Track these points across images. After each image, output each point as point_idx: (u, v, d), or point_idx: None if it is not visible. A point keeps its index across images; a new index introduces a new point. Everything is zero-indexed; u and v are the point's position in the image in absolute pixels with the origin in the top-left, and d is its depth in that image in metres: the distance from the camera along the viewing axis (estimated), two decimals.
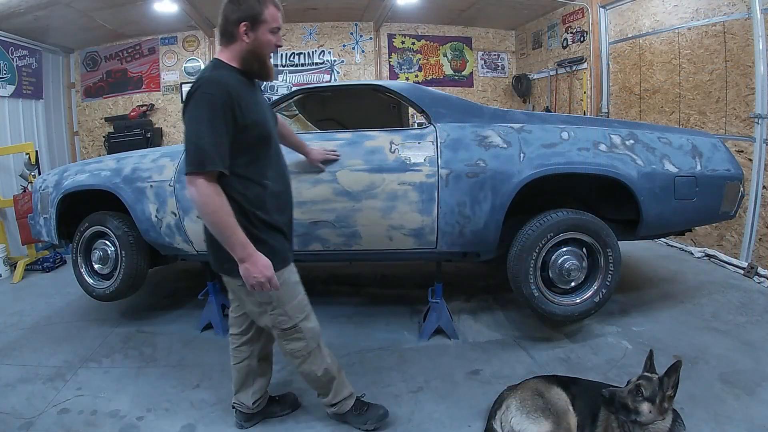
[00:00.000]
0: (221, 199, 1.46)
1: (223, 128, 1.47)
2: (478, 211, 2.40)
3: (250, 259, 1.51)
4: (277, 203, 1.65)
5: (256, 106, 1.60)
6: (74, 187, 2.88)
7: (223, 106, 1.46)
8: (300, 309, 1.72)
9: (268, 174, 1.61)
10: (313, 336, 1.77)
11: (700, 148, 2.55)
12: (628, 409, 1.53)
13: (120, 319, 3.11)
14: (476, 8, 5.92)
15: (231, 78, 1.55)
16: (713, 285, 3.23)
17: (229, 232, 1.47)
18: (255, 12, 1.54)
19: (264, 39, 1.59)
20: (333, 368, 1.87)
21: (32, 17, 4.81)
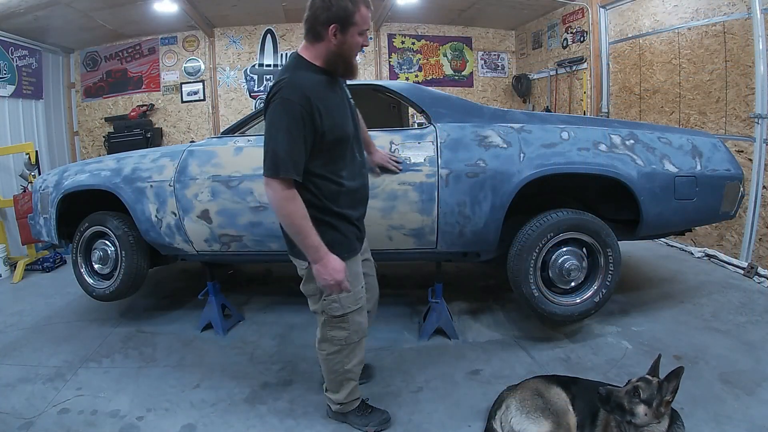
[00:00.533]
0: (295, 203, 1.51)
1: (301, 136, 1.48)
2: (478, 211, 2.40)
3: (321, 261, 1.56)
4: (350, 199, 1.68)
5: (336, 108, 1.60)
6: (74, 187, 2.88)
7: (302, 114, 1.47)
8: (354, 300, 1.73)
9: (343, 173, 1.63)
10: (357, 330, 1.78)
11: (700, 148, 2.55)
12: (624, 410, 1.52)
13: (120, 319, 3.11)
14: (476, 8, 5.92)
15: (312, 80, 1.54)
16: (713, 285, 3.23)
17: (302, 236, 1.53)
18: (347, 14, 1.51)
19: (352, 41, 1.56)
20: (356, 373, 1.88)
21: (32, 17, 4.81)
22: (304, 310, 3.09)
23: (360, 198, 1.74)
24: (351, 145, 1.67)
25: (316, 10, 1.52)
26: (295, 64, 1.59)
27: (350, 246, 1.70)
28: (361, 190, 1.73)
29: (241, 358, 2.55)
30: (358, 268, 1.76)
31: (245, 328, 2.91)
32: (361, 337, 1.82)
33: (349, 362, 1.82)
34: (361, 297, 1.76)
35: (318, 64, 1.58)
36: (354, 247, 1.72)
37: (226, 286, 3.11)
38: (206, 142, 2.74)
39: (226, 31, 6.39)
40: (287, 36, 6.48)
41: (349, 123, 1.67)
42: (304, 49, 1.60)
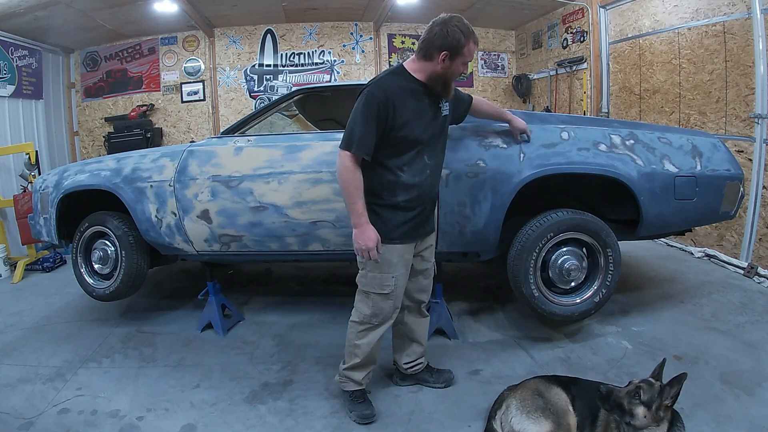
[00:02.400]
0: (355, 174, 1.75)
1: (374, 124, 1.73)
2: (478, 212, 2.40)
3: (360, 227, 1.78)
4: (407, 193, 1.84)
5: (414, 113, 1.80)
6: (74, 187, 2.88)
7: (378, 106, 1.72)
8: (379, 284, 1.88)
9: (404, 168, 1.83)
10: (378, 314, 1.93)
11: (700, 148, 2.55)
12: (623, 410, 1.52)
13: (120, 319, 3.11)
14: (476, 8, 5.92)
15: (400, 85, 1.79)
16: (713, 285, 3.23)
17: (351, 201, 1.77)
18: (459, 45, 1.73)
19: (456, 69, 1.79)
20: (364, 354, 1.98)
21: (32, 17, 4.81)
22: (304, 310, 3.12)
23: (418, 195, 1.88)
24: (420, 149, 1.85)
25: (433, 36, 1.75)
26: (393, 70, 1.86)
27: (388, 233, 1.84)
28: (421, 187, 1.88)
29: (241, 358, 2.55)
30: (394, 258, 1.87)
31: (245, 328, 2.91)
32: (381, 322, 1.95)
33: (361, 339, 1.96)
34: (387, 284, 1.88)
35: (418, 77, 1.82)
36: (393, 235, 1.85)
37: (226, 286, 3.11)
38: (206, 142, 2.74)
39: (226, 31, 6.39)
40: (287, 36, 6.47)
41: (425, 130, 1.84)
42: (411, 62, 1.84)
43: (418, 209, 1.90)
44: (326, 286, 3.60)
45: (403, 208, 1.85)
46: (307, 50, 6.52)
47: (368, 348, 1.97)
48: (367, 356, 1.99)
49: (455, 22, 1.75)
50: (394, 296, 1.92)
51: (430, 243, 2.06)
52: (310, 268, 3.88)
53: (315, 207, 2.45)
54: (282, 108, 3.00)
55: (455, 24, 1.74)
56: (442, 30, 1.73)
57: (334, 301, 3.28)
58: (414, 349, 2.17)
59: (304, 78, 6.51)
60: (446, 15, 1.78)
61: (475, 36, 1.78)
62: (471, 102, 2.18)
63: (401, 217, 1.86)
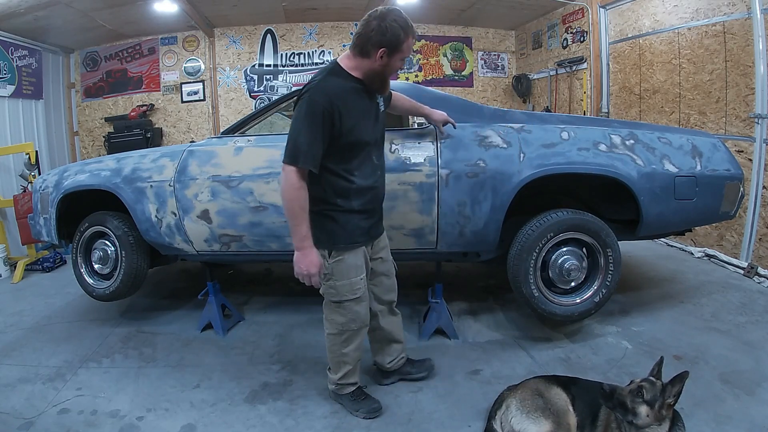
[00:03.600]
0: (301, 192, 1.67)
1: (320, 133, 1.64)
2: (478, 212, 2.40)
3: (303, 251, 1.72)
4: (361, 197, 1.81)
5: (359, 114, 1.74)
6: (74, 187, 2.88)
7: (323, 113, 1.63)
8: (350, 290, 1.85)
9: (356, 173, 1.77)
10: (355, 319, 1.90)
11: (700, 148, 2.55)
12: (626, 409, 1.52)
13: (120, 319, 3.11)
14: (476, 8, 5.92)
15: (340, 86, 1.70)
16: (713, 285, 3.23)
17: (296, 222, 1.69)
18: (397, 42, 1.66)
19: (394, 65, 1.73)
20: (353, 359, 1.99)
21: (32, 17, 4.81)
22: (304, 310, 3.12)
23: (372, 196, 1.86)
24: (368, 150, 1.81)
25: (370, 32, 1.66)
26: (330, 70, 1.75)
27: (348, 238, 1.81)
28: (373, 190, 1.85)
29: (241, 358, 2.55)
30: (359, 261, 1.85)
31: (245, 328, 2.91)
32: (360, 326, 1.94)
33: (347, 347, 1.95)
34: (359, 288, 1.86)
35: (355, 75, 1.73)
36: (353, 240, 1.82)
37: (226, 286, 3.11)
38: (206, 142, 2.74)
39: (226, 31, 6.38)
40: (287, 36, 6.47)
41: (370, 130, 1.80)
42: (346, 58, 1.75)
43: (373, 210, 1.89)
44: None
45: (359, 212, 1.82)
46: (307, 50, 6.52)
47: (356, 353, 1.99)
48: (356, 360, 2.01)
49: (394, 16, 1.65)
50: (366, 297, 1.92)
51: (384, 243, 2.06)
52: None
53: None
54: (282, 108, 2.99)
55: (394, 18, 1.64)
56: (380, 25, 1.63)
57: None
58: (394, 347, 2.19)
59: (304, 78, 6.50)
60: (384, 8, 1.68)
61: (413, 31, 1.70)
62: (391, 97, 2.09)
63: (359, 220, 1.82)
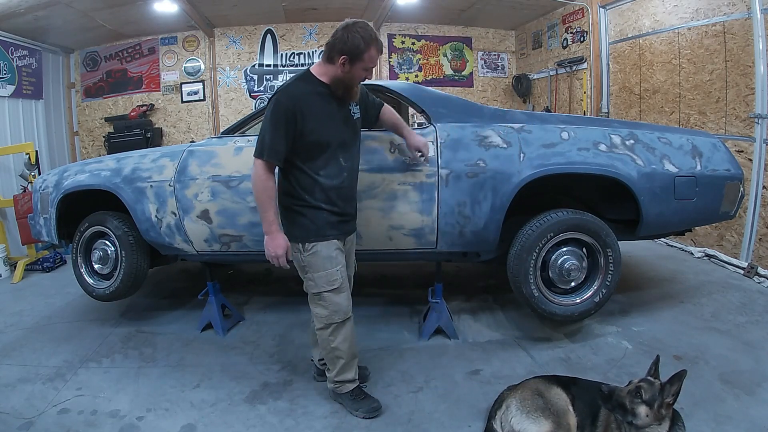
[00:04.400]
0: (267, 183, 1.81)
1: (283, 131, 1.78)
2: (478, 211, 2.40)
3: (270, 234, 1.84)
4: (326, 194, 1.89)
5: (324, 117, 1.84)
6: (74, 187, 2.88)
7: (286, 113, 1.77)
8: (327, 281, 1.92)
9: (321, 171, 1.87)
10: (337, 310, 1.96)
11: (700, 148, 2.55)
12: (625, 409, 1.52)
13: (120, 319, 3.11)
14: (476, 8, 5.92)
15: (306, 90, 1.83)
16: (713, 285, 3.23)
17: (263, 209, 1.83)
18: (358, 51, 1.77)
19: (356, 74, 1.83)
20: (345, 352, 2.01)
21: (32, 17, 4.81)
22: (304, 310, 3.09)
23: (338, 196, 1.93)
24: (333, 151, 1.89)
25: (335, 39, 1.79)
26: (300, 76, 1.88)
27: (318, 232, 1.90)
28: (340, 189, 1.93)
29: (241, 358, 2.55)
30: (332, 252, 1.93)
31: (245, 328, 2.91)
32: (344, 318, 1.98)
33: (335, 340, 1.99)
34: (335, 279, 1.93)
35: (323, 81, 1.85)
36: (323, 233, 1.91)
37: (226, 286, 3.11)
38: (206, 142, 2.74)
39: (226, 31, 6.39)
40: (287, 36, 6.47)
41: (335, 133, 1.89)
42: (317, 65, 1.88)
43: (341, 208, 1.95)
44: None
45: (326, 209, 1.90)
46: (307, 50, 6.52)
47: (346, 344, 2.01)
48: (348, 353, 2.03)
49: (358, 27, 1.77)
50: (345, 287, 1.98)
51: (351, 244, 2.12)
52: None
53: None
54: None
55: (358, 30, 1.76)
56: (344, 34, 1.76)
57: None
58: None
59: None
60: (351, 20, 1.81)
61: (378, 43, 1.81)
62: (381, 108, 2.18)
63: (327, 215, 1.91)
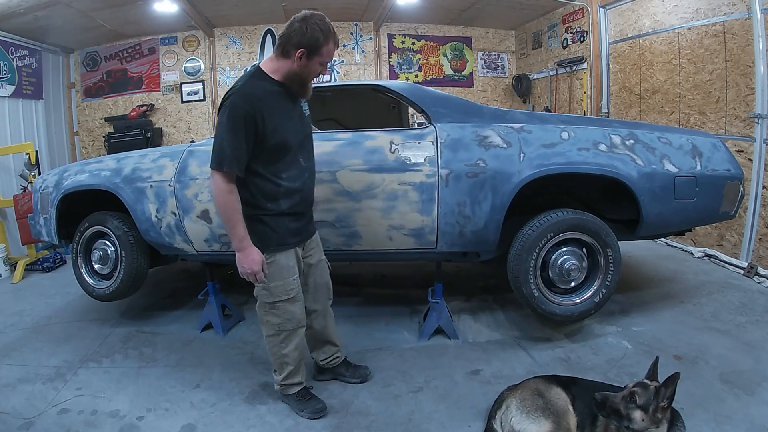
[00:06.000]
0: (231, 196, 1.70)
1: (243, 137, 1.67)
2: (478, 211, 2.40)
3: (243, 251, 1.75)
4: (289, 199, 1.83)
5: (282, 115, 1.76)
6: (74, 187, 2.88)
7: (246, 117, 1.66)
8: (284, 291, 1.88)
9: (283, 175, 1.80)
10: (290, 319, 1.93)
11: (700, 148, 2.55)
12: (620, 416, 1.53)
13: (120, 319, 3.11)
14: (476, 8, 5.92)
15: (262, 90, 1.73)
16: (713, 285, 3.23)
17: (231, 224, 1.73)
18: (316, 44, 1.70)
19: (313, 68, 1.76)
20: (294, 359, 2.00)
21: (32, 17, 4.81)
22: None
23: (301, 198, 1.89)
24: (294, 152, 1.82)
25: (291, 32, 1.71)
26: (252, 74, 1.78)
27: (279, 240, 1.85)
28: (302, 191, 1.88)
29: (241, 358, 2.55)
30: (291, 262, 1.89)
31: (245, 328, 2.91)
32: (296, 326, 1.96)
33: (285, 347, 1.97)
34: (292, 288, 1.90)
35: (276, 78, 1.76)
36: (284, 241, 1.86)
37: (226, 286, 3.11)
38: (206, 142, 2.73)
39: (226, 31, 6.39)
40: None
41: (295, 133, 1.82)
42: (268, 61, 1.79)
43: (302, 212, 1.92)
44: None
45: (288, 214, 1.85)
46: None
47: (296, 353, 2.00)
48: (297, 359, 2.02)
49: (316, 19, 1.70)
50: (300, 297, 1.95)
51: (315, 244, 2.09)
52: None
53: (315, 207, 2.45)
54: None
55: (316, 22, 1.70)
56: (302, 27, 1.69)
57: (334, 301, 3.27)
58: (328, 348, 2.22)
59: None
60: (308, 11, 1.73)
61: (336, 37, 1.74)
62: None
63: (289, 222, 1.86)
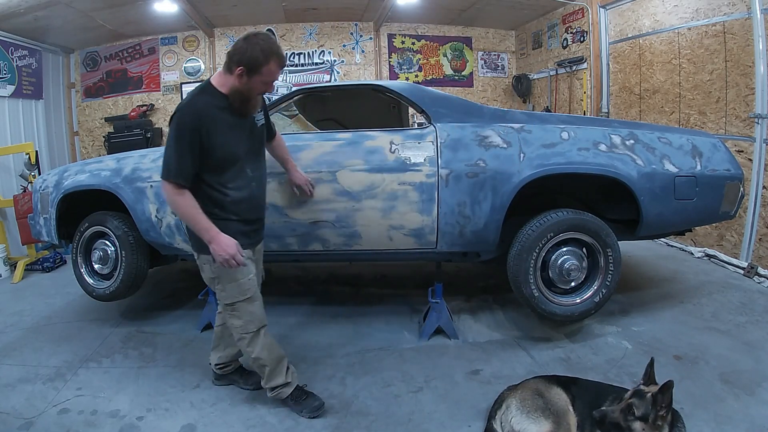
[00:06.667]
0: (183, 198, 1.76)
1: (188, 149, 1.73)
2: (478, 211, 2.40)
3: (213, 240, 1.78)
4: (237, 207, 1.88)
5: (228, 128, 1.81)
6: (74, 187, 2.88)
7: (191, 131, 1.72)
8: (240, 291, 1.90)
9: (229, 185, 1.85)
10: (251, 320, 1.95)
11: (700, 148, 2.55)
12: (621, 428, 1.55)
13: (120, 319, 3.11)
14: (476, 8, 5.92)
15: (208, 103, 1.78)
16: (713, 285, 3.23)
17: (194, 222, 1.78)
18: (256, 63, 1.72)
19: (254, 87, 1.79)
20: (267, 359, 2.00)
21: (32, 17, 4.81)
22: (304, 310, 3.12)
23: (249, 207, 1.94)
24: (241, 163, 1.88)
25: (236, 49, 1.75)
26: (201, 88, 1.84)
27: None
28: (250, 200, 1.93)
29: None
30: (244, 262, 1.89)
31: None
32: (258, 327, 1.97)
33: (254, 350, 1.97)
34: (248, 288, 1.91)
35: (223, 92, 1.81)
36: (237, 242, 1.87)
37: None
38: None
39: (226, 31, 6.39)
40: (287, 36, 6.48)
41: (241, 145, 1.87)
42: (218, 75, 1.83)
43: (251, 218, 1.96)
44: (326, 286, 3.60)
45: (237, 220, 1.89)
46: (307, 50, 6.52)
47: (266, 352, 1.99)
48: (272, 358, 2.01)
49: (260, 39, 1.74)
50: (258, 297, 1.97)
51: (259, 253, 2.11)
52: (310, 268, 3.88)
53: (315, 207, 2.45)
54: (282, 108, 3.00)
55: (258, 41, 1.73)
56: (243, 45, 1.73)
57: (334, 301, 3.28)
58: (228, 352, 2.22)
59: (304, 78, 6.51)
60: (255, 31, 1.80)
61: (279, 57, 1.76)
62: (274, 137, 2.20)
63: (239, 226, 1.90)
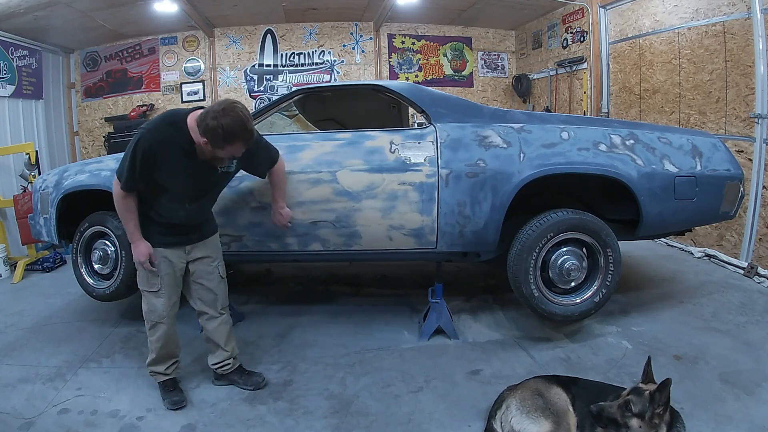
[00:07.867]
0: (125, 200, 1.96)
1: (138, 167, 1.87)
2: (478, 211, 2.40)
3: (134, 243, 2.03)
4: (158, 226, 2.06)
5: (178, 170, 1.92)
6: (74, 187, 2.88)
7: (143, 155, 1.85)
8: (147, 283, 2.09)
9: (157, 209, 2.02)
10: (152, 310, 2.10)
11: (700, 148, 2.55)
12: (618, 424, 1.55)
13: (120, 319, 3.11)
14: (476, 8, 5.92)
15: (172, 140, 1.88)
16: (713, 285, 3.23)
17: (124, 222, 2.02)
18: (219, 141, 1.80)
19: (217, 154, 1.88)
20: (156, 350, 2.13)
21: (32, 17, 4.81)
22: (304, 310, 3.12)
23: (171, 231, 2.07)
24: (180, 200, 2.01)
25: (205, 115, 1.79)
26: (173, 120, 1.92)
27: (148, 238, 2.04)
28: (173, 227, 2.07)
29: (241, 358, 2.54)
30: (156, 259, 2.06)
31: (245, 328, 2.91)
32: (157, 320, 2.10)
33: (151, 337, 2.13)
34: (154, 283, 2.08)
35: (192, 135, 1.88)
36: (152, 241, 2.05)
37: None
38: None
39: (226, 31, 6.39)
40: (287, 36, 6.48)
41: (189, 187, 1.99)
42: (195, 115, 1.87)
43: (175, 232, 2.08)
44: (326, 286, 3.60)
45: (159, 234, 2.06)
46: (307, 50, 6.52)
47: (158, 344, 2.12)
48: (160, 351, 2.14)
49: (229, 117, 1.75)
50: (164, 294, 2.09)
51: (203, 251, 2.17)
52: (310, 268, 3.88)
53: (315, 207, 2.45)
54: (282, 108, 3.00)
55: (227, 120, 1.75)
56: (213, 118, 1.76)
57: (334, 301, 3.28)
58: (220, 353, 2.25)
59: (304, 78, 6.51)
60: (231, 104, 1.80)
61: (245, 138, 1.82)
62: (275, 164, 2.24)
63: (156, 227, 2.06)
